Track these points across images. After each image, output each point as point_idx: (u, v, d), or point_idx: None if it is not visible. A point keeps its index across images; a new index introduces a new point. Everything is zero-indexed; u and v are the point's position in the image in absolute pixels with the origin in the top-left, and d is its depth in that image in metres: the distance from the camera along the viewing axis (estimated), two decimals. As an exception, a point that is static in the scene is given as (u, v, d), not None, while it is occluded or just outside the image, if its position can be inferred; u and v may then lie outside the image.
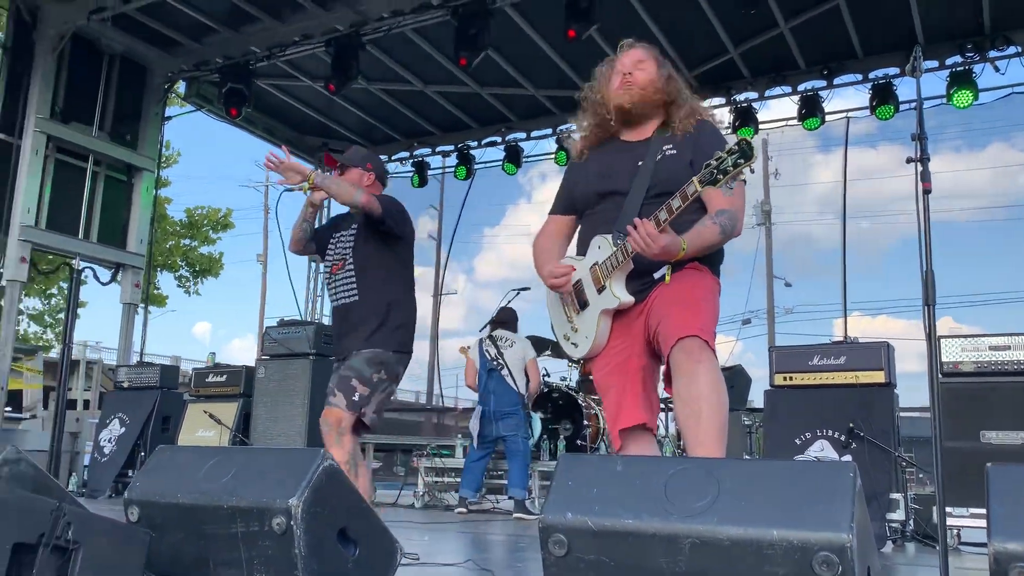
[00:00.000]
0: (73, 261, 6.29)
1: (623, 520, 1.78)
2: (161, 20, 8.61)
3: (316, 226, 3.92)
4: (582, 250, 2.79)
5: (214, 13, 8.51)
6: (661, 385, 2.72)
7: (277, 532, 2.09)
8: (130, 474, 7.21)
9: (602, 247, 2.66)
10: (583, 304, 2.73)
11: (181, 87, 10.04)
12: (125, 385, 7.95)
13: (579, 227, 2.89)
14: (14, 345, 8.30)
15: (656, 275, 2.60)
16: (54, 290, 17.59)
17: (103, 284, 9.09)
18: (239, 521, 2.18)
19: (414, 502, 7.57)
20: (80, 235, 8.58)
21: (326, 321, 9.71)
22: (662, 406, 7.07)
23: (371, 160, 3.87)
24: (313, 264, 11.72)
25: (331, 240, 3.87)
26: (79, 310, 7.23)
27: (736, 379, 7.19)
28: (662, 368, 2.60)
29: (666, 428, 7.66)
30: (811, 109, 8.84)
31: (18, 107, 8.13)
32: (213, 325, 64.99)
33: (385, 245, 3.70)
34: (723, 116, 9.16)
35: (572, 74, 8.87)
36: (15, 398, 10.21)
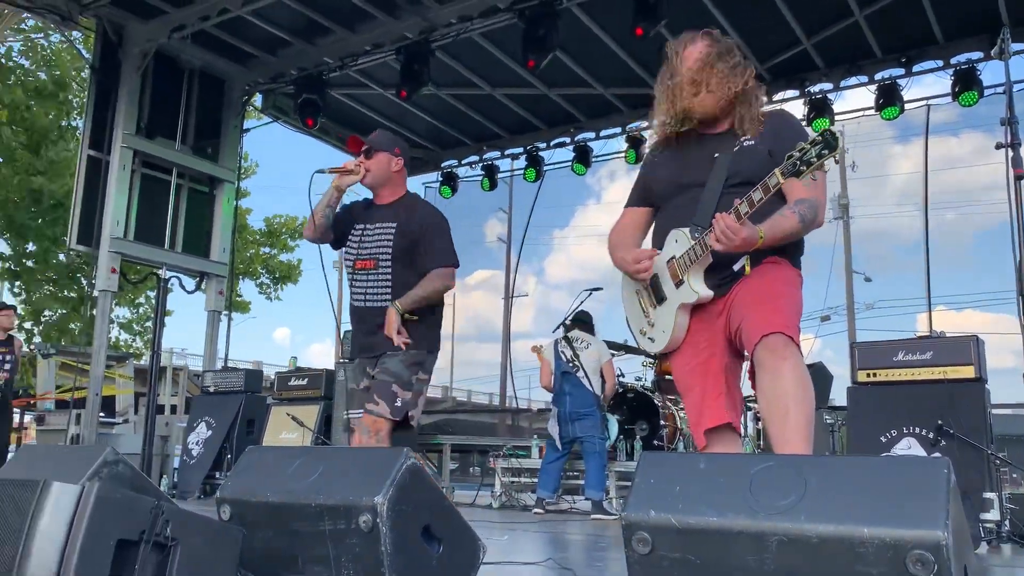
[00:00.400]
0: (160, 271, 6.49)
1: (707, 518, 1.76)
2: (238, 35, 8.89)
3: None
4: (658, 243, 2.74)
5: (288, 26, 8.73)
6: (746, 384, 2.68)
7: (364, 529, 2.14)
8: (217, 476, 7.44)
9: (679, 240, 2.61)
10: (660, 299, 2.69)
11: (258, 99, 10.33)
12: (211, 390, 8.20)
13: (655, 220, 2.84)
14: (107, 353, 8.65)
15: (735, 267, 2.55)
16: (142, 299, 18.26)
17: (188, 293, 9.43)
18: (327, 519, 2.23)
19: (491, 502, 7.62)
20: (166, 246, 8.91)
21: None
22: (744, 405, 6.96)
23: (399, 144, 3.69)
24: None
25: (354, 231, 3.65)
26: (165, 318, 7.47)
27: (816, 377, 6.92)
28: (746, 366, 2.56)
29: (746, 428, 7.53)
30: (889, 98, 8.58)
31: (106, 124, 8.49)
32: (292, 330, 66.63)
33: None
34: (797, 108, 8.97)
35: (640, 71, 8.81)
36: (108, 403, 10.65)
